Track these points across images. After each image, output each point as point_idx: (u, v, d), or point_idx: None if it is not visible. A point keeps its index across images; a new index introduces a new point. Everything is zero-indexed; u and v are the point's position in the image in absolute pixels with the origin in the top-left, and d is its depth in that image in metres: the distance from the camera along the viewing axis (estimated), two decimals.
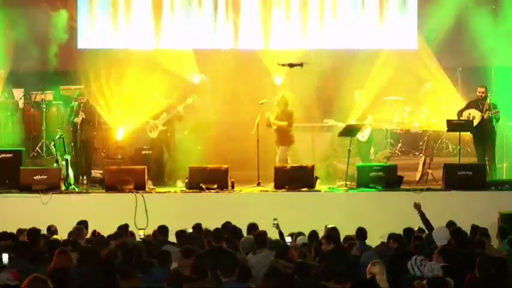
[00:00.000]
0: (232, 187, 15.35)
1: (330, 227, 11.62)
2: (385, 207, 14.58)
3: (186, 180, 15.45)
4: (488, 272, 8.44)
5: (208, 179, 15.19)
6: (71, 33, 17.92)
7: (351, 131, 16.08)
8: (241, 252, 10.15)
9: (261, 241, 10.11)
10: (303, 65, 16.64)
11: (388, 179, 15.24)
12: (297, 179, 15.24)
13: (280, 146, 16.08)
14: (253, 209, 14.25)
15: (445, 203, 14.45)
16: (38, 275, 7.10)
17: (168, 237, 11.62)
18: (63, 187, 15.11)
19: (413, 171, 16.51)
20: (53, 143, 15.66)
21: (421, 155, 17.16)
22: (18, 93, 18.02)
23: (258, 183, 15.51)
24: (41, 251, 9.94)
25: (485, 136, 15.95)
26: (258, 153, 15.50)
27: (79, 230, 11.64)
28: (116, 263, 8.82)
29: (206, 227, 11.59)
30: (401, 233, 11.32)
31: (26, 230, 11.37)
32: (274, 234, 11.46)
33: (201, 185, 15.07)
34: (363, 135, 16.71)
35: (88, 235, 11.81)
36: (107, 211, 14.29)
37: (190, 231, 11.67)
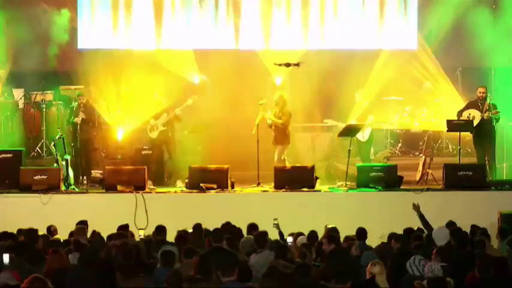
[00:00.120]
0: (232, 187, 15.35)
1: (330, 227, 11.63)
2: (385, 207, 14.57)
3: (186, 180, 15.45)
4: (488, 272, 8.45)
5: (208, 179, 15.18)
6: (71, 33, 17.90)
7: (351, 131, 16.08)
8: (241, 252, 10.14)
9: (261, 241, 10.10)
10: (299, 64, 16.64)
11: (388, 179, 15.24)
12: (297, 179, 15.25)
13: (277, 145, 16.08)
14: (253, 209, 14.26)
15: (445, 203, 14.45)
16: (38, 276, 7.10)
17: (166, 237, 11.61)
18: (63, 187, 15.11)
19: (413, 171, 16.51)
20: (53, 143, 15.66)
21: (421, 155, 17.16)
22: (18, 93, 18.01)
23: (258, 183, 15.51)
24: (39, 251, 9.91)
25: (485, 136, 15.94)
26: (258, 153, 15.50)
27: (81, 229, 11.62)
28: (116, 263, 8.81)
29: (206, 227, 11.59)
30: (401, 233, 11.33)
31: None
32: (275, 234, 11.47)
33: (201, 185, 15.07)
34: (363, 135, 16.70)
35: (88, 235, 11.79)
36: (107, 211, 14.29)
37: (190, 231, 11.66)
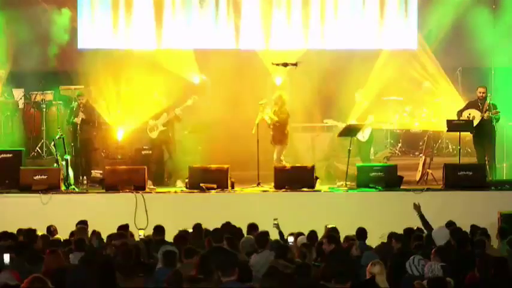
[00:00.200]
0: (232, 187, 15.35)
1: (330, 227, 11.63)
2: (385, 207, 14.57)
3: (186, 180, 15.45)
4: (488, 272, 8.44)
5: (208, 179, 15.18)
6: (71, 33, 17.89)
7: (351, 131, 16.07)
8: (241, 252, 10.14)
9: (262, 241, 10.10)
10: (297, 64, 16.64)
11: (388, 179, 15.24)
12: (297, 179, 15.25)
13: (275, 145, 16.06)
14: (253, 209, 14.26)
15: (445, 203, 14.45)
16: (38, 275, 7.10)
17: (164, 237, 11.60)
18: (63, 187, 15.11)
19: (413, 171, 16.51)
20: (53, 143, 15.66)
21: (421, 155, 17.16)
22: (18, 93, 18.00)
23: (258, 183, 15.51)
24: (38, 251, 9.91)
25: (485, 136, 15.94)
26: (258, 153, 15.50)
27: (82, 229, 11.62)
28: (116, 263, 8.81)
29: (206, 227, 11.58)
30: (401, 233, 11.33)
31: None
32: (275, 234, 11.46)
33: (201, 185, 15.07)
34: (363, 135, 16.70)
35: (88, 235, 11.79)
36: (107, 211, 14.28)
37: (190, 231, 11.66)
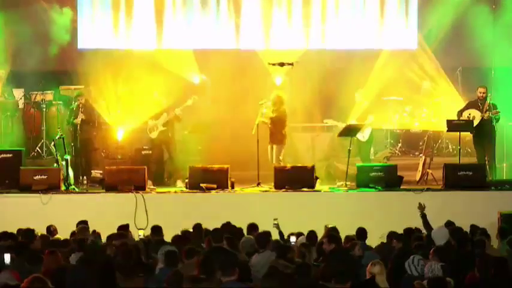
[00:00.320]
0: (232, 187, 15.34)
1: (330, 226, 11.63)
2: (385, 207, 14.56)
3: (186, 180, 15.45)
4: (488, 272, 8.44)
5: (208, 179, 15.18)
6: (71, 33, 17.89)
7: (351, 131, 16.07)
8: (241, 252, 10.14)
9: (263, 241, 10.09)
10: (293, 64, 16.64)
11: (388, 179, 15.23)
12: (297, 179, 15.25)
13: (273, 144, 16.03)
14: (253, 209, 14.25)
15: (445, 203, 14.44)
16: (38, 275, 7.10)
17: (162, 237, 11.60)
18: (63, 187, 15.10)
19: (413, 171, 16.50)
20: (53, 143, 15.65)
21: (421, 155, 17.15)
22: (18, 93, 18.00)
23: (258, 183, 15.50)
24: (36, 251, 9.90)
25: (485, 136, 15.94)
26: (258, 153, 15.49)
27: (82, 229, 11.62)
28: (116, 263, 8.81)
29: (206, 227, 11.58)
30: (401, 232, 11.32)
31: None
32: (275, 234, 11.46)
33: (201, 185, 15.06)
34: (363, 135, 16.70)
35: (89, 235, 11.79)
36: (107, 211, 14.27)
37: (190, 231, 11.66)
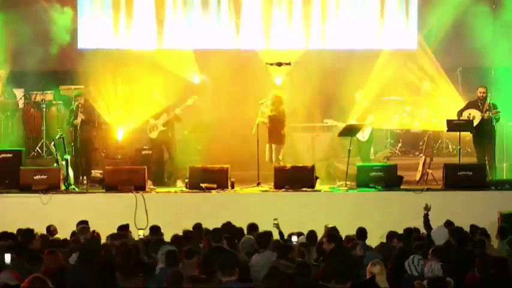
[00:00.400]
0: (232, 187, 15.34)
1: (329, 226, 11.63)
2: (385, 207, 14.57)
3: (186, 180, 15.45)
4: (488, 272, 8.44)
5: (208, 179, 15.18)
6: (71, 33, 17.88)
7: (351, 131, 16.08)
8: (240, 252, 10.14)
9: (264, 241, 10.07)
10: (291, 64, 16.64)
11: (388, 179, 15.24)
12: (297, 179, 15.24)
13: (272, 144, 16.01)
14: (253, 209, 14.26)
15: (445, 203, 14.42)
16: (39, 275, 7.10)
17: (161, 237, 11.60)
18: (63, 187, 15.10)
19: (413, 171, 16.50)
20: (53, 143, 15.65)
21: (421, 155, 17.15)
22: (18, 93, 17.99)
23: (258, 183, 15.50)
24: (35, 251, 9.90)
25: (485, 136, 15.94)
26: (258, 153, 15.50)
27: (83, 229, 11.62)
28: (116, 263, 8.81)
29: (206, 227, 11.58)
30: (401, 232, 11.32)
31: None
32: (275, 234, 11.45)
33: (201, 185, 15.07)
34: (363, 135, 16.70)
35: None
36: (107, 211, 14.27)
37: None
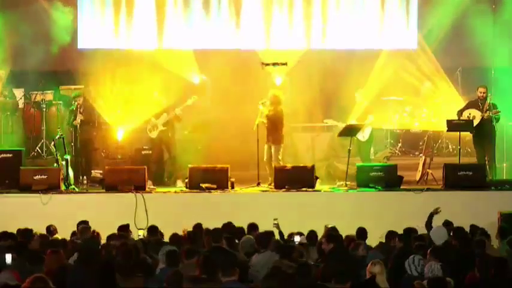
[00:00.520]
0: (232, 187, 15.34)
1: (329, 226, 11.64)
2: (385, 207, 14.56)
3: (186, 180, 15.45)
4: (488, 272, 8.44)
5: (208, 179, 15.18)
6: (72, 33, 17.88)
7: (351, 131, 16.08)
8: (240, 252, 10.13)
9: (264, 242, 10.07)
10: (287, 64, 16.64)
11: (388, 179, 15.23)
12: (297, 179, 15.24)
13: (270, 144, 16.00)
14: (253, 209, 14.25)
15: (445, 203, 14.37)
16: (40, 275, 7.09)
17: (159, 237, 11.60)
18: (63, 187, 15.10)
19: (413, 171, 16.50)
20: (53, 143, 15.66)
21: (421, 155, 17.15)
22: (18, 93, 17.99)
23: (258, 183, 15.51)
24: (34, 251, 9.90)
25: (485, 136, 15.93)
26: (258, 153, 15.50)
27: (84, 229, 11.62)
28: (116, 263, 8.80)
29: (206, 227, 11.58)
30: (401, 233, 11.31)
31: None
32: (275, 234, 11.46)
33: (201, 185, 15.07)
34: (363, 135, 16.70)
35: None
36: (107, 211, 14.28)
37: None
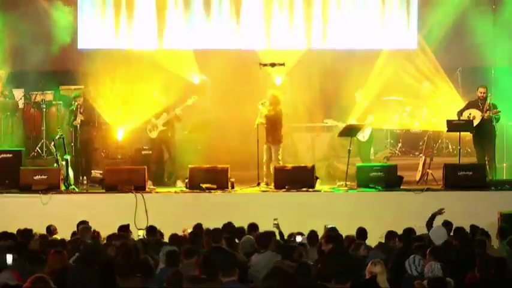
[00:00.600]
0: (232, 187, 15.34)
1: (329, 227, 11.63)
2: (385, 208, 14.57)
3: (186, 180, 15.45)
4: (488, 272, 8.44)
5: (208, 179, 15.18)
6: (72, 33, 17.88)
7: (351, 131, 16.08)
8: (239, 252, 10.13)
9: (265, 242, 10.07)
10: (284, 64, 16.65)
11: (388, 179, 15.24)
12: (297, 179, 15.24)
13: (271, 145, 15.98)
14: (253, 209, 14.25)
15: (445, 203, 14.38)
16: (41, 275, 7.09)
17: (156, 236, 11.60)
18: (63, 187, 15.10)
19: (413, 171, 16.50)
20: (53, 143, 15.66)
21: (421, 155, 17.16)
22: (18, 93, 17.99)
23: (258, 183, 15.51)
24: (34, 251, 9.90)
25: (485, 136, 15.93)
26: (258, 153, 15.50)
27: (85, 229, 11.62)
28: (116, 263, 8.80)
29: (206, 227, 11.58)
30: (401, 233, 11.32)
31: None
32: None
33: (201, 185, 15.07)
34: (363, 135, 16.71)
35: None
36: (107, 211, 14.27)
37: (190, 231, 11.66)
